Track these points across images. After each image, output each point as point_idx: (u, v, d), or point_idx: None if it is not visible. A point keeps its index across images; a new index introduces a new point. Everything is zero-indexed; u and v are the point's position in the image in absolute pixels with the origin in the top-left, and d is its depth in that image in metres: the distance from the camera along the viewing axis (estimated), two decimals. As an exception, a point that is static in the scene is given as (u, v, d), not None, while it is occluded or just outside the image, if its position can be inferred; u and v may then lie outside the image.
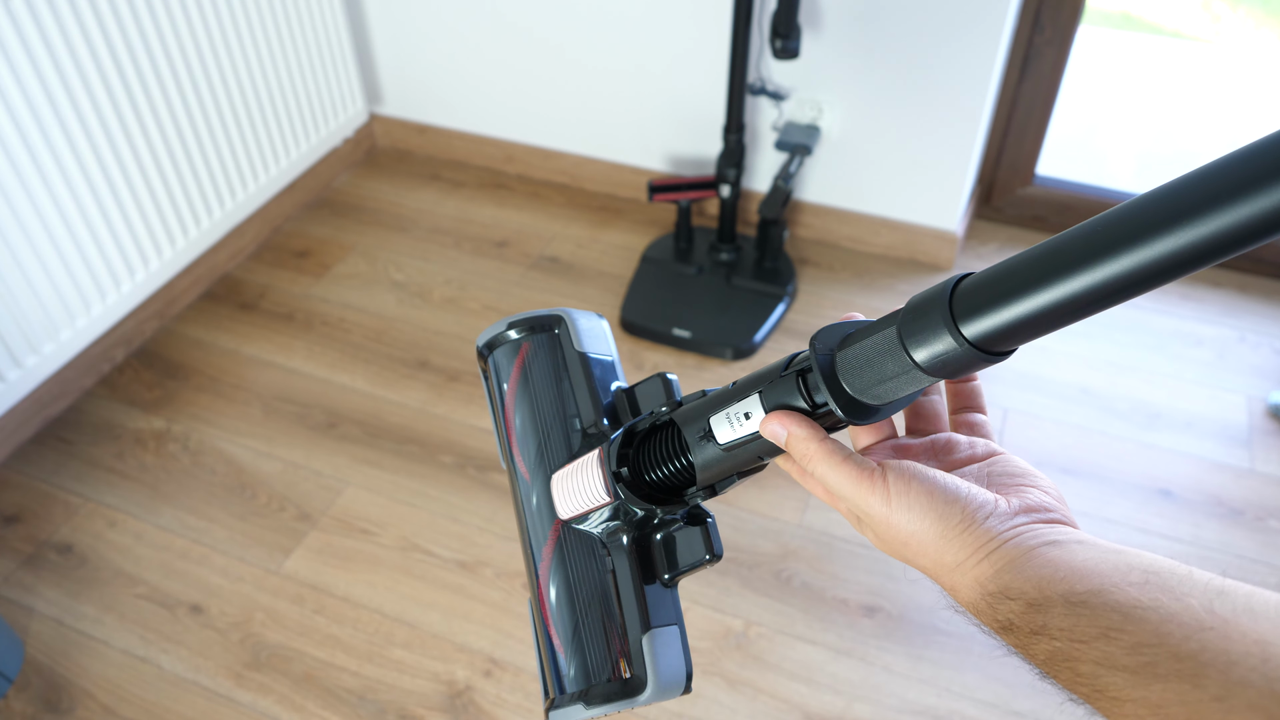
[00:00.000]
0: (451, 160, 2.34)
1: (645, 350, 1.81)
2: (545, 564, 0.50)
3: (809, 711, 1.28)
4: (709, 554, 0.48)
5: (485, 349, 0.55)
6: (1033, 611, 0.36)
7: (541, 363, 0.53)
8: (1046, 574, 0.37)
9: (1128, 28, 3.21)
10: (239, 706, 1.29)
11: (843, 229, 2.04)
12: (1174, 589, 0.34)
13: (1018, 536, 0.39)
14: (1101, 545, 0.38)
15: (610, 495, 0.48)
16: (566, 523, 0.50)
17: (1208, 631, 0.32)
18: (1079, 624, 0.34)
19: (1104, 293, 0.32)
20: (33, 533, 1.51)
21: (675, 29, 1.90)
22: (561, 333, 0.54)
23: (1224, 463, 1.58)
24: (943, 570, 0.40)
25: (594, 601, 0.48)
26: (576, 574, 0.49)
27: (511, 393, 0.53)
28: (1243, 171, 0.28)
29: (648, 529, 0.49)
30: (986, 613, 0.39)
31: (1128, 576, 0.35)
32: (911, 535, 0.40)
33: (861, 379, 0.40)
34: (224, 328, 1.88)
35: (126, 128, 1.62)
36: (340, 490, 1.57)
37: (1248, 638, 0.31)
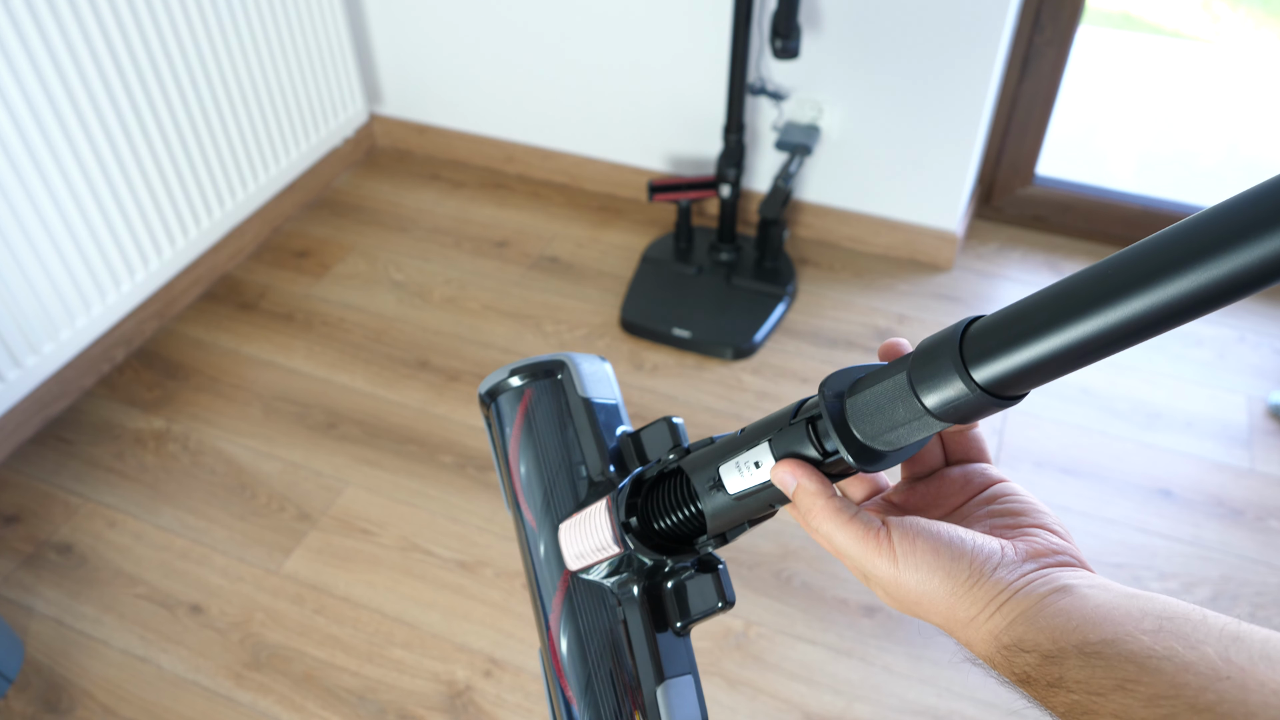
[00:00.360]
0: (451, 160, 2.35)
1: (645, 350, 1.81)
2: (555, 615, 0.49)
3: (809, 711, 1.27)
4: (721, 601, 0.47)
5: (487, 396, 0.55)
6: (1048, 663, 0.36)
7: (545, 409, 0.53)
8: (1059, 623, 0.36)
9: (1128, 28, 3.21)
10: (239, 706, 1.29)
11: (843, 229, 2.04)
12: (1188, 635, 0.33)
13: (1028, 585, 0.38)
14: (1113, 589, 0.37)
15: (619, 545, 0.47)
16: (575, 573, 0.50)
17: (1224, 681, 0.31)
18: (1094, 675, 0.34)
19: (1118, 335, 0.31)
20: (33, 533, 1.51)
21: (675, 29, 1.90)
22: (564, 378, 0.54)
23: (1224, 463, 1.58)
24: (956, 626, 0.40)
25: (605, 653, 0.48)
26: (587, 625, 0.49)
27: (515, 440, 0.53)
28: (1258, 210, 0.28)
29: (658, 577, 0.49)
30: (1003, 666, 0.38)
31: (1141, 624, 0.35)
32: (922, 595, 0.40)
33: (872, 425, 0.39)
34: (224, 328, 1.88)
35: (126, 128, 1.62)
36: (340, 490, 1.57)
37: (1266, 687, 0.31)
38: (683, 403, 1.70)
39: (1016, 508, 0.43)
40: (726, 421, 1.66)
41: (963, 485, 0.45)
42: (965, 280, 1.96)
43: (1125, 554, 1.45)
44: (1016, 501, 0.43)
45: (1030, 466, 1.58)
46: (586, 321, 1.88)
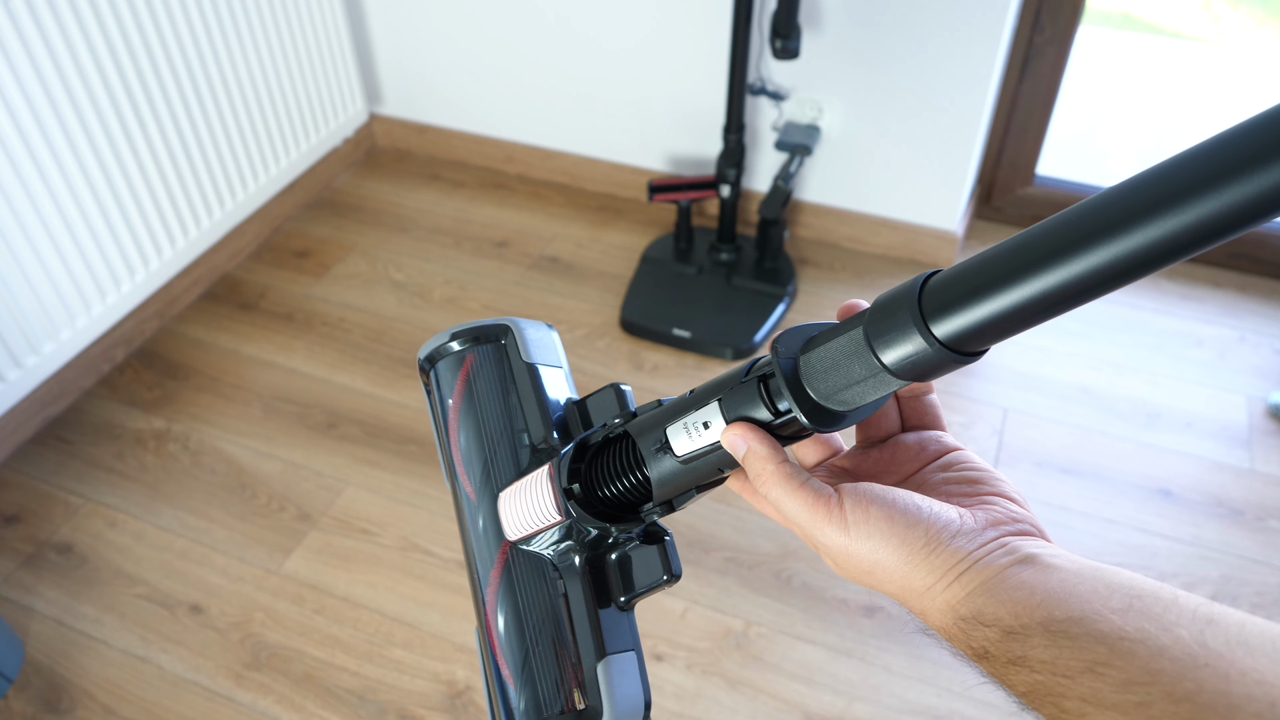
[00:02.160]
0: (451, 160, 2.34)
1: (645, 350, 1.81)
2: (492, 589, 0.47)
3: (809, 711, 1.27)
4: (666, 574, 0.45)
5: (426, 362, 0.52)
6: (1010, 640, 0.34)
7: (487, 375, 0.50)
8: (1022, 597, 0.35)
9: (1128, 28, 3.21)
10: (239, 706, 1.29)
11: (843, 229, 2.04)
12: (1160, 617, 0.32)
13: (988, 555, 0.37)
14: (1077, 561, 0.36)
15: (561, 514, 0.45)
16: (515, 544, 0.47)
17: (1203, 669, 0.30)
18: (1061, 656, 0.33)
19: (1081, 287, 0.30)
20: (33, 533, 1.51)
21: (675, 29, 1.90)
22: (508, 343, 0.51)
23: (1224, 463, 1.58)
24: (911, 595, 0.38)
25: (544, 628, 0.45)
26: (526, 599, 0.46)
27: (455, 407, 0.50)
28: (1220, 158, 0.27)
29: (602, 549, 0.46)
30: (960, 638, 0.37)
31: (1109, 602, 0.33)
32: (875, 563, 0.38)
33: (827, 383, 0.38)
34: (224, 328, 1.88)
35: (126, 128, 1.62)
36: (340, 490, 1.57)
37: (1248, 678, 0.29)
38: (683, 403, 1.70)
39: (974, 475, 0.41)
40: (726, 421, 1.66)
41: (918, 452, 0.44)
42: (965, 280, 1.96)
43: (1125, 554, 1.45)
44: (973, 469, 0.42)
45: (1030, 466, 1.58)
46: (586, 321, 1.88)
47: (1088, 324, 1.85)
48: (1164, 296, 1.91)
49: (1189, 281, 1.94)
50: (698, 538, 1.48)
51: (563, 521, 0.45)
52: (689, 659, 1.33)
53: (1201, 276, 1.95)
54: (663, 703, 1.29)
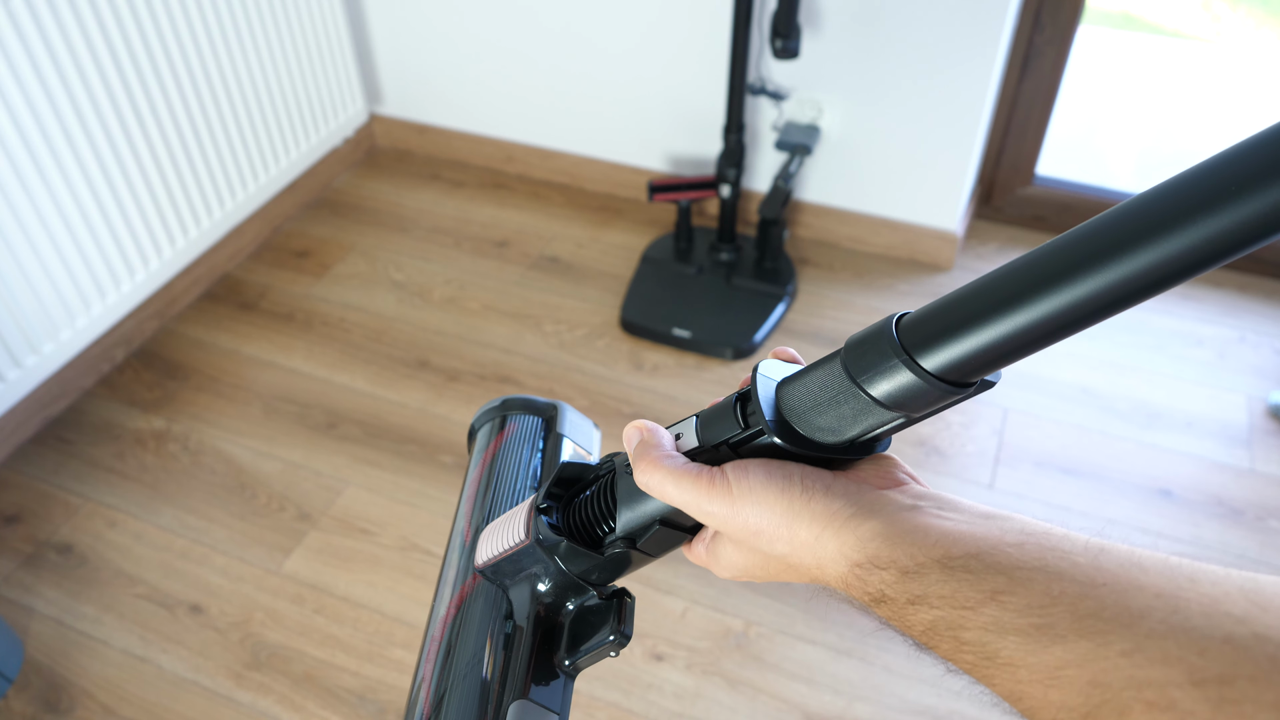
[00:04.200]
0: (451, 160, 2.34)
1: (645, 350, 1.81)
2: (445, 616, 0.47)
3: (809, 711, 1.27)
4: (614, 633, 0.44)
5: (476, 423, 0.56)
6: (907, 579, 0.34)
7: (520, 438, 0.53)
8: (917, 539, 0.35)
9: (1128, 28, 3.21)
10: (239, 706, 1.29)
11: (843, 229, 2.04)
12: (1055, 548, 0.32)
13: (875, 502, 0.37)
14: (963, 505, 0.36)
15: (527, 533, 0.44)
16: (480, 579, 0.47)
17: (1102, 588, 0.30)
18: (961, 590, 0.33)
19: (1071, 314, 0.30)
20: (33, 533, 1.51)
21: (675, 29, 1.90)
22: (553, 418, 0.54)
23: (1224, 463, 1.58)
24: (802, 551, 0.38)
25: (477, 665, 0.44)
26: (473, 628, 0.46)
27: (484, 461, 0.53)
28: (1213, 182, 0.27)
29: (562, 602, 0.45)
30: (857, 586, 0.36)
31: (1004, 538, 0.33)
32: (759, 529, 0.38)
33: (802, 406, 0.38)
34: (224, 328, 1.88)
35: (126, 128, 1.62)
36: (340, 490, 1.57)
37: (1145, 591, 0.30)
38: (682, 402, 1.70)
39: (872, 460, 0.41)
40: (726, 421, 1.66)
41: None
42: (965, 280, 1.95)
43: (1125, 554, 1.45)
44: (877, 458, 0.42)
45: (1030, 466, 1.58)
46: (586, 321, 1.88)
47: (1088, 324, 1.84)
48: (1164, 296, 1.90)
49: (1189, 281, 1.94)
50: (698, 538, 1.48)
51: (527, 543, 0.44)
52: (689, 659, 1.33)
53: (1201, 276, 1.94)
54: (663, 703, 1.29)
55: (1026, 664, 0.30)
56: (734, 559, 0.41)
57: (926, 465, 1.58)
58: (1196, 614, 0.28)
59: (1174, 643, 0.28)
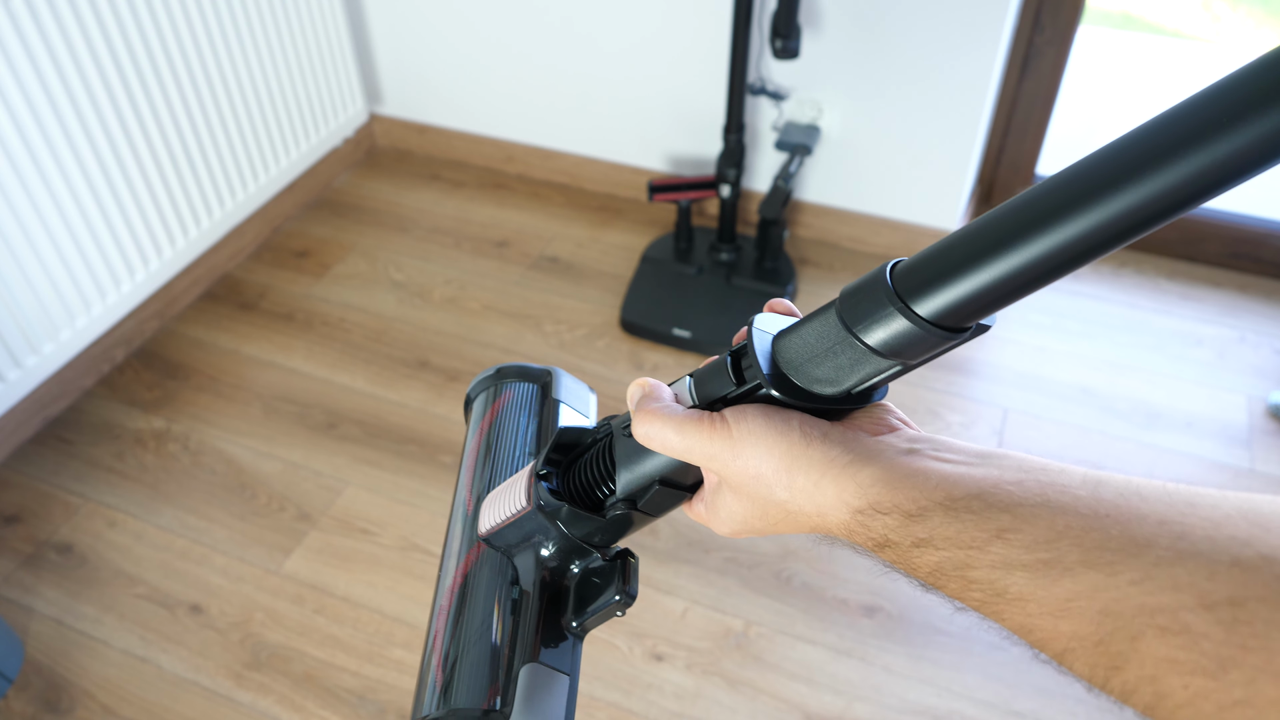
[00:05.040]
0: (451, 160, 2.34)
1: (645, 350, 1.81)
2: (451, 587, 0.47)
3: (809, 711, 1.27)
4: (619, 593, 0.44)
5: (472, 392, 0.56)
6: (911, 523, 0.35)
7: (517, 404, 0.54)
8: (918, 482, 0.35)
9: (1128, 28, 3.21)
10: (239, 706, 1.29)
11: (843, 229, 2.04)
12: (1055, 483, 0.33)
13: (874, 446, 0.37)
14: (959, 446, 0.37)
15: (529, 500, 0.44)
16: (484, 547, 0.47)
17: (1105, 519, 0.31)
18: (966, 530, 0.33)
19: (1063, 251, 0.30)
20: (33, 533, 1.51)
21: (675, 29, 1.90)
22: (548, 384, 0.54)
23: (1224, 463, 1.58)
24: (801, 497, 0.38)
25: (487, 630, 0.44)
26: (480, 595, 0.46)
27: (481, 430, 0.53)
28: (1206, 114, 0.28)
29: (567, 566, 0.46)
30: (860, 532, 0.37)
31: (1003, 476, 0.34)
32: (760, 468, 0.38)
33: (800, 358, 0.38)
34: (224, 328, 1.88)
35: (126, 128, 1.62)
36: (340, 490, 1.57)
37: (1148, 520, 0.30)
38: (683, 403, 1.70)
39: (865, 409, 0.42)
40: (726, 421, 1.66)
41: None
42: (965, 280, 1.96)
43: (1125, 554, 1.45)
44: None
45: (1030, 466, 1.58)
46: (586, 321, 1.88)
47: (1088, 324, 1.85)
48: (1164, 296, 1.91)
49: (1189, 281, 1.94)
50: (698, 538, 1.48)
51: (529, 509, 0.44)
52: (689, 659, 1.33)
53: (1201, 276, 1.95)
54: (663, 703, 1.29)
55: (1036, 598, 0.31)
56: (734, 509, 0.41)
57: (926, 465, 1.58)
58: (1201, 539, 0.29)
59: (1182, 568, 0.28)
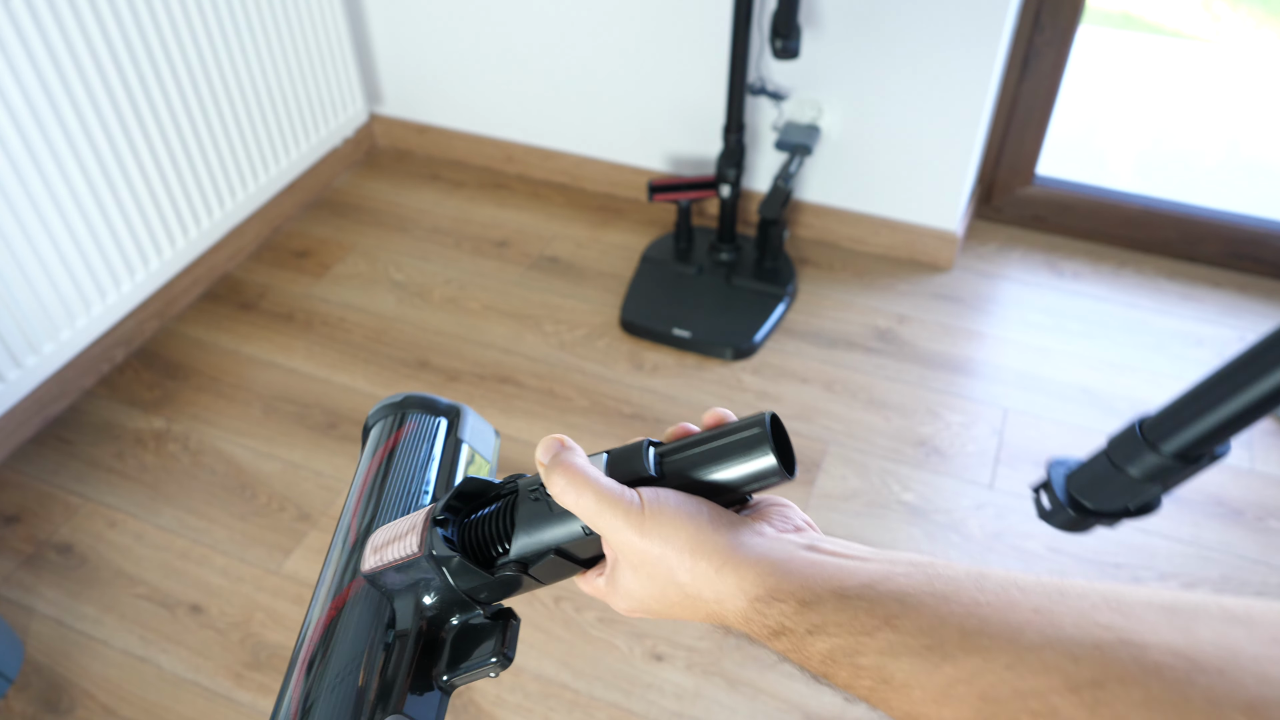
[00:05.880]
0: (451, 160, 2.34)
1: (645, 350, 1.81)
2: (324, 618, 0.45)
3: (809, 711, 1.27)
4: (496, 655, 0.43)
5: (372, 418, 0.54)
6: (805, 610, 0.36)
7: (417, 438, 0.52)
8: (813, 573, 0.37)
9: (1128, 28, 3.21)
10: (239, 706, 1.29)
11: (843, 229, 2.04)
12: (941, 574, 0.35)
13: (774, 542, 0.39)
14: (856, 546, 0.39)
15: (420, 547, 0.43)
16: (364, 584, 0.46)
17: (985, 607, 0.32)
18: (857, 616, 0.35)
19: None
20: (33, 533, 1.51)
21: (675, 29, 1.90)
22: (452, 422, 0.53)
23: (1224, 463, 1.58)
24: (701, 582, 0.39)
25: (352, 671, 0.43)
26: (352, 632, 0.44)
27: (377, 460, 0.52)
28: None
29: (447, 617, 0.45)
30: (756, 620, 0.38)
31: (894, 569, 0.36)
32: (664, 551, 0.39)
33: None
34: (224, 328, 1.88)
35: (126, 128, 1.62)
36: (340, 490, 1.57)
37: (1023, 607, 0.32)
38: (682, 403, 1.70)
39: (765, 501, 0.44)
40: (726, 421, 1.66)
41: None
42: (965, 280, 1.96)
43: (1125, 554, 1.45)
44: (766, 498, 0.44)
45: (1030, 466, 1.58)
46: (586, 321, 1.88)
47: (1088, 324, 1.85)
48: (1164, 296, 1.91)
49: (1189, 281, 1.94)
50: (698, 538, 1.48)
51: (419, 555, 0.43)
52: (689, 659, 1.33)
53: (1201, 276, 1.95)
54: (663, 703, 1.29)
55: (920, 684, 0.32)
56: (632, 587, 0.41)
57: (926, 465, 1.58)
58: (1069, 625, 0.30)
59: (1051, 652, 0.30)
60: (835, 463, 1.59)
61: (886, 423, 1.66)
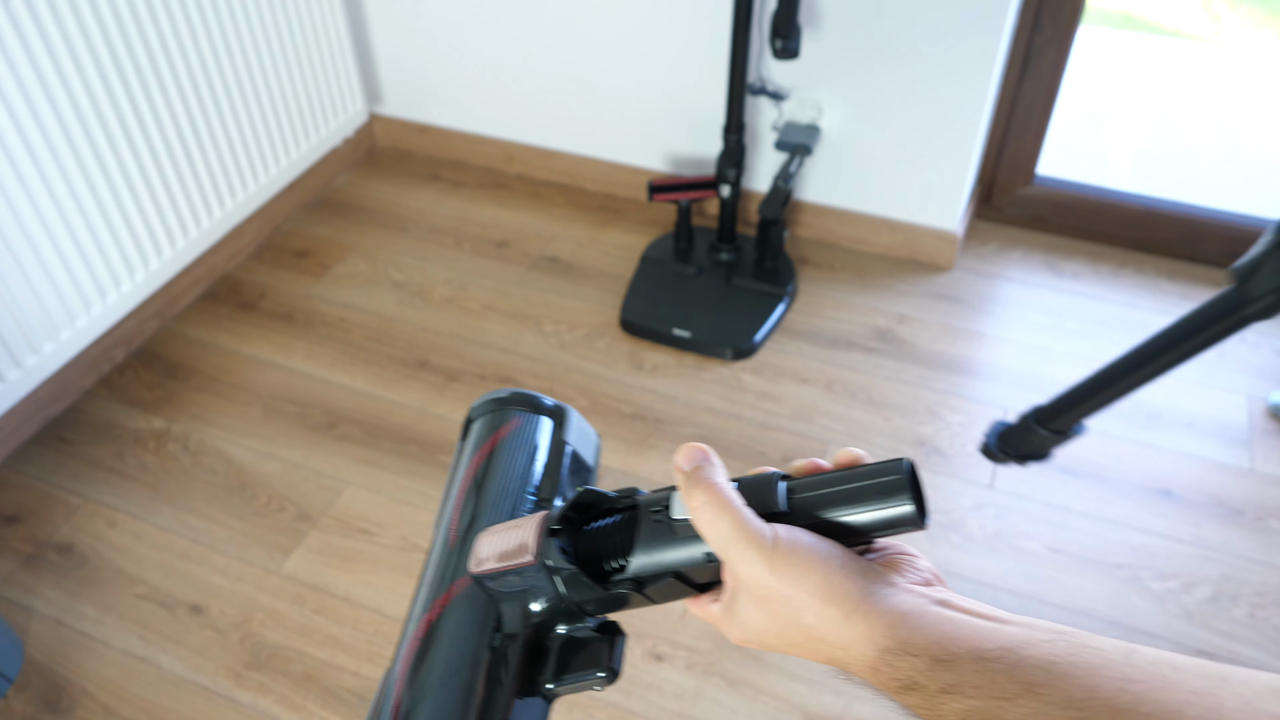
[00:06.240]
0: (451, 160, 2.35)
1: (645, 350, 1.81)
2: (431, 615, 0.45)
3: (809, 711, 1.27)
4: (604, 669, 0.42)
5: (475, 410, 0.53)
6: (939, 668, 0.35)
7: (523, 437, 0.51)
8: (948, 630, 0.35)
9: (1128, 28, 3.21)
10: (239, 706, 1.29)
11: (843, 229, 2.04)
12: (1086, 644, 0.33)
13: (908, 592, 0.38)
14: (990, 608, 0.37)
15: (535, 555, 0.42)
16: (475, 582, 0.45)
17: (1139, 684, 0.31)
18: (996, 681, 0.33)
19: None
20: (33, 533, 1.51)
21: (675, 29, 1.90)
22: (557, 422, 0.52)
23: (1224, 463, 1.58)
24: (828, 626, 0.38)
25: (461, 671, 0.42)
26: (461, 631, 0.44)
27: (481, 454, 0.51)
28: None
29: (553, 626, 0.44)
30: (885, 671, 0.37)
31: (1035, 634, 0.34)
32: (794, 591, 0.38)
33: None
34: (224, 328, 1.88)
35: (127, 128, 1.62)
36: (340, 490, 1.57)
37: (1181, 688, 0.30)
38: (683, 403, 1.70)
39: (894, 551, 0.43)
40: (726, 421, 1.66)
41: None
42: (965, 280, 1.96)
43: (1125, 554, 1.45)
44: (894, 546, 0.43)
45: (1030, 466, 1.58)
46: (586, 321, 1.88)
47: (1087, 324, 1.85)
48: (1164, 296, 1.91)
49: (1189, 281, 1.94)
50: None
51: (533, 563, 0.43)
52: (689, 659, 1.33)
53: (1201, 277, 1.95)
54: (663, 703, 1.29)
55: None
56: (752, 619, 0.41)
57: (926, 465, 1.58)
58: (1233, 710, 0.29)
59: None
60: (835, 463, 1.59)
61: (886, 423, 1.66)
